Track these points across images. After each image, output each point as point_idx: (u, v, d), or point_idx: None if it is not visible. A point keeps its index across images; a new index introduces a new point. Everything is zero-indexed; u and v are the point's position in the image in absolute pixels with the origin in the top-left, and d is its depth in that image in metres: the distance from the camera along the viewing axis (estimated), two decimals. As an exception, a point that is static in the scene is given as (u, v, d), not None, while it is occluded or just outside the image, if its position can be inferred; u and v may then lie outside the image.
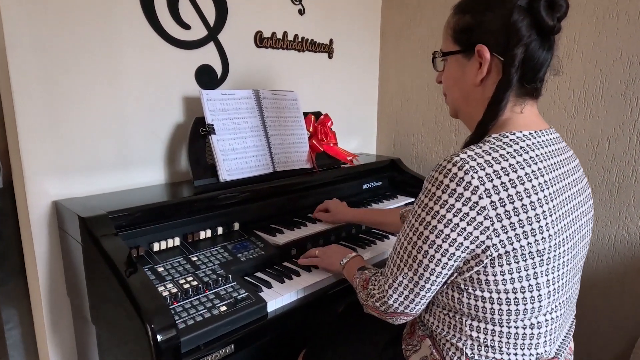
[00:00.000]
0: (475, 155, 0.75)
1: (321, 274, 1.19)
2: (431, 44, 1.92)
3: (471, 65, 0.83)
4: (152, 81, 1.35)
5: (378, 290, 0.88)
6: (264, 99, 1.46)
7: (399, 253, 0.84)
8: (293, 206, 1.48)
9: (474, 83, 0.83)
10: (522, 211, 0.73)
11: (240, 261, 1.16)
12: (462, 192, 0.73)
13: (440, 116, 1.95)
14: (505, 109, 0.81)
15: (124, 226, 1.09)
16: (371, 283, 0.92)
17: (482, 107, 0.83)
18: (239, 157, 1.35)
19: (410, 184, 1.85)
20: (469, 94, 0.86)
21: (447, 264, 0.78)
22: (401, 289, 0.83)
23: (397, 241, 0.86)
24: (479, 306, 0.79)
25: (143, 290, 0.89)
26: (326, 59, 1.87)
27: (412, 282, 0.82)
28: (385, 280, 0.87)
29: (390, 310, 0.86)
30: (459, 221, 0.74)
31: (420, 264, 0.79)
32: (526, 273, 0.76)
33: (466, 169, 0.73)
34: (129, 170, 1.34)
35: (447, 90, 0.92)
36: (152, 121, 1.36)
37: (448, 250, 0.76)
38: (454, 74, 0.87)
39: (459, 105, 0.90)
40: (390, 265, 0.86)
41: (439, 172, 0.76)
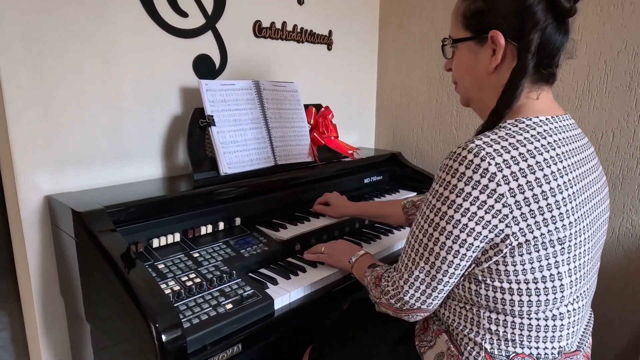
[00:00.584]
0: (492, 142, 0.72)
1: (327, 270, 1.15)
2: (431, 36, 1.90)
3: (484, 52, 0.80)
4: (149, 71, 1.29)
5: (392, 286, 0.85)
6: (264, 90, 1.42)
7: (414, 246, 0.80)
8: (295, 200, 1.44)
9: (488, 70, 0.80)
10: (542, 198, 0.71)
11: (244, 257, 1.12)
12: (479, 179, 0.70)
13: (441, 109, 1.92)
14: (521, 96, 0.78)
15: (122, 221, 1.04)
16: (384, 280, 0.88)
17: (496, 95, 0.80)
18: (239, 150, 1.30)
19: (411, 178, 1.82)
20: (482, 81, 0.83)
21: (465, 255, 0.75)
22: (417, 284, 0.80)
23: (411, 233, 0.82)
24: (497, 298, 0.77)
25: (146, 288, 0.84)
26: (325, 50, 1.82)
27: (429, 275, 0.79)
28: (399, 275, 0.83)
29: (406, 307, 0.83)
30: (477, 210, 0.71)
31: (438, 257, 0.76)
32: (547, 262, 0.73)
33: (482, 155, 0.70)
34: (125, 163, 1.29)
35: (458, 79, 0.89)
36: (148, 112, 1.31)
37: (466, 240, 0.73)
38: (466, 61, 0.84)
39: (471, 93, 0.87)
40: (405, 260, 0.83)
41: (454, 160, 0.73)
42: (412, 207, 1.23)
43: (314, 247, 1.20)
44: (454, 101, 1.87)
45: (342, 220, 1.39)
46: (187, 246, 1.12)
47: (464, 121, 1.85)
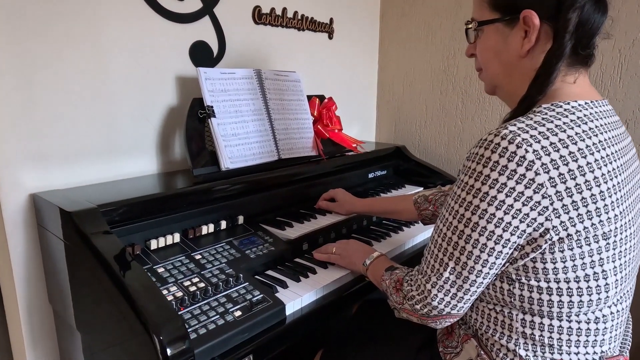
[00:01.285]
0: (527, 127, 0.66)
1: (339, 270, 1.07)
2: (435, 24, 1.82)
3: (515, 34, 0.74)
4: (142, 58, 1.19)
5: (417, 291, 0.77)
6: (266, 79, 1.33)
7: (440, 245, 0.73)
8: (299, 197, 1.36)
9: (519, 54, 0.74)
10: (585, 188, 0.65)
11: (250, 258, 1.04)
12: (514, 168, 0.64)
13: (446, 101, 1.85)
14: (556, 81, 0.72)
15: (117, 221, 0.94)
16: (407, 284, 0.81)
17: (528, 81, 0.73)
18: (241, 143, 1.22)
19: (416, 173, 1.75)
20: (512, 66, 0.76)
21: (500, 253, 0.68)
22: (447, 287, 0.73)
23: (436, 231, 0.76)
24: (533, 298, 0.70)
25: (146, 295, 0.76)
26: (326, 39, 1.74)
27: (460, 277, 0.72)
28: (425, 278, 0.76)
29: (434, 313, 0.76)
30: (513, 202, 0.64)
31: (470, 256, 0.69)
32: (591, 259, 0.67)
33: (518, 142, 0.64)
34: (117, 158, 1.19)
35: (484, 65, 0.82)
36: (142, 103, 1.21)
37: (502, 236, 0.66)
38: (493, 45, 0.77)
39: (500, 80, 0.80)
40: (430, 261, 0.76)
41: (485, 148, 0.66)
42: (424, 202, 1.16)
43: (324, 247, 1.13)
44: (459, 93, 1.80)
45: (349, 218, 1.32)
46: (188, 247, 1.03)
47: (470, 113, 1.79)
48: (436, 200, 1.13)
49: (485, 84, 0.85)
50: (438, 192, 1.14)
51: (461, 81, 1.79)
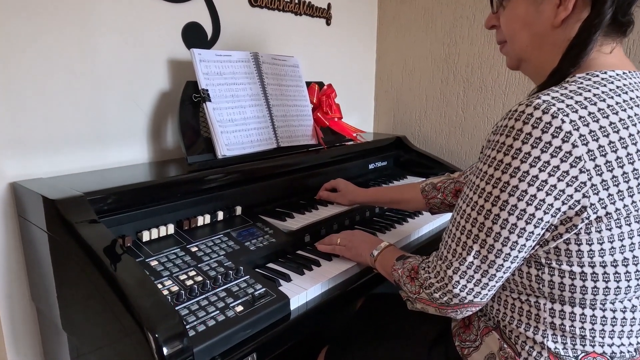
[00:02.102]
0: (562, 97, 0.60)
1: (345, 263, 1.01)
2: (436, 11, 1.77)
3: (548, 2, 0.68)
4: (131, 38, 1.12)
5: (436, 278, 0.71)
6: (263, 63, 1.26)
7: (463, 227, 0.68)
8: (298, 187, 1.30)
9: (552, 24, 0.68)
10: (627, 162, 0.60)
11: (249, 250, 0.97)
12: (549, 140, 0.58)
13: (447, 90, 1.80)
14: (591, 52, 0.66)
15: (105, 211, 0.87)
16: (424, 271, 0.75)
17: (559, 53, 0.68)
18: (238, 130, 1.15)
19: (418, 164, 1.70)
20: (543, 37, 0.70)
21: (532, 234, 0.62)
22: (471, 273, 0.67)
23: (457, 212, 0.70)
24: (565, 284, 0.65)
25: (140, 289, 0.69)
26: (324, 25, 1.68)
27: (485, 261, 0.66)
28: (446, 264, 0.70)
29: (455, 302, 0.70)
30: (547, 177, 0.59)
31: (497, 237, 0.64)
32: (630, 241, 0.62)
33: (554, 111, 0.58)
34: (105, 146, 1.11)
35: (511, 36, 0.76)
36: (131, 87, 1.13)
37: (534, 215, 0.61)
38: (523, 14, 0.71)
39: (528, 53, 0.74)
40: (451, 244, 0.70)
41: (515, 119, 0.61)
42: (432, 190, 1.10)
43: (327, 238, 1.06)
44: (460, 81, 1.75)
45: (352, 209, 1.26)
46: (183, 239, 0.96)
47: (471, 103, 1.74)
48: (445, 188, 1.08)
49: (508, 58, 0.79)
50: (447, 180, 1.09)
51: (462, 69, 1.74)
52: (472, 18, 1.68)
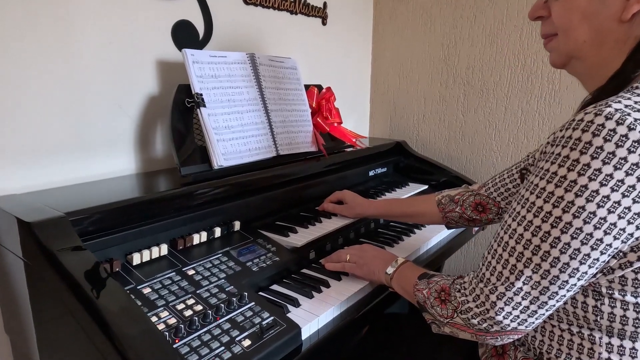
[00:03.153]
0: (637, 105, 0.53)
1: (356, 282, 0.93)
2: (435, 11, 1.71)
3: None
4: (116, 38, 1.01)
5: (476, 302, 0.64)
6: (261, 65, 1.17)
7: (513, 248, 0.60)
8: (299, 198, 1.21)
9: (620, 18, 0.60)
10: None
11: (252, 272, 0.88)
12: (625, 155, 0.51)
13: (446, 93, 1.74)
14: None
15: (90, 232, 0.77)
16: (459, 293, 0.67)
17: (621, 52, 0.61)
18: (236, 138, 1.05)
19: (418, 170, 1.63)
20: (606, 33, 0.62)
21: (597, 261, 0.55)
22: (519, 299, 0.60)
23: (505, 231, 0.62)
24: (628, 318, 0.58)
25: (131, 324, 0.59)
26: (320, 25, 1.59)
27: (537, 288, 0.58)
28: (489, 288, 0.62)
29: (496, 329, 0.63)
30: (621, 198, 0.52)
31: (555, 263, 0.56)
32: None
33: (630, 122, 0.51)
34: (88, 156, 1.01)
35: (566, 29, 0.65)
36: (116, 91, 1.03)
37: (602, 240, 0.54)
38: (585, 4, 0.62)
39: (585, 50, 0.64)
40: (496, 267, 0.62)
41: (583, 130, 0.53)
42: (449, 203, 1.03)
43: (335, 255, 0.98)
44: (460, 84, 1.69)
45: (357, 221, 1.18)
46: (178, 261, 0.86)
47: (472, 106, 1.68)
48: (464, 201, 1.00)
49: (555, 53, 0.69)
50: (465, 192, 1.02)
51: (463, 72, 1.68)
52: (473, 18, 1.62)
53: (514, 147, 1.61)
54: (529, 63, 1.53)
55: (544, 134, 1.54)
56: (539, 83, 1.52)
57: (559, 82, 1.49)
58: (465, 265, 1.82)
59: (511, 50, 1.56)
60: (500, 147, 1.64)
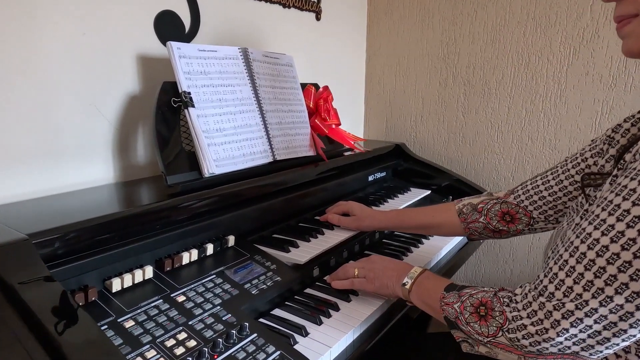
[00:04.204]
0: None
1: (368, 302, 0.83)
2: (433, 6, 1.62)
3: None
4: (90, 30, 0.89)
5: (531, 319, 0.55)
6: (254, 61, 1.06)
7: (591, 262, 0.51)
8: (297, 208, 1.11)
9: None
10: None
11: (251, 295, 0.77)
12: None
13: (445, 93, 1.66)
14: None
15: (60, 256, 0.65)
16: (508, 308, 0.58)
17: None
18: (229, 141, 0.94)
19: (419, 174, 1.55)
20: None
21: None
22: (590, 322, 0.51)
23: (582, 242, 0.53)
24: None
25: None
26: (314, 20, 1.49)
27: (618, 312, 0.49)
28: (553, 304, 0.53)
29: (553, 350, 0.54)
30: None
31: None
32: None
33: None
34: (58, 163, 0.88)
35: None
36: (91, 89, 0.91)
37: None
38: None
39: None
40: (565, 280, 0.53)
41: None
42: (472, 212, 0.93)
43: (342, 271, 0.88)
44: (461, 83, 1.62)
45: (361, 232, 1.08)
46: (165, 285, 0.74)
47: (473, 106, 1.60)
48: (488, 210, 0.91)
49: (632, 39, 0.58)
50: (489, 200, 0.93)
51: (463, 70, 1.60)
52: (474, 14, 1.55)
53: (517, 149, 1.54)
54: (533, 61, 1.46)
55: (549, 136, 1.47)
56: (544, 82, 1.45)
57: (565, 81, 1.42)
58: (474, 277, 1.74)
59: (514, 48, 1.49)
60: (503, 149, 1.57)
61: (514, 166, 1.56)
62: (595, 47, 1.36)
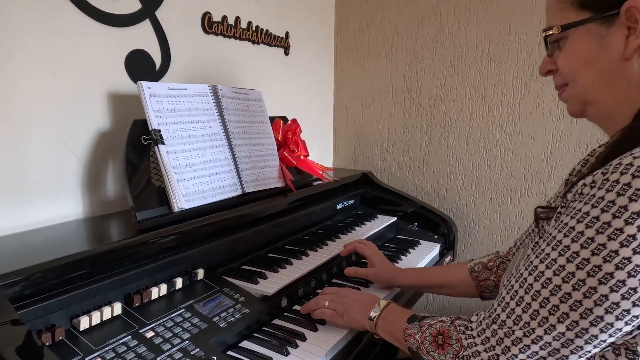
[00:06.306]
0: None
1: (334, 331, 0.86)
2: (396, 42, 1.72)
3: (614, 33, 0.60)
4: (61, 67, 0.91)
5: (485, 345, 0.60)
6: (224, 97, 1.10)
7: (537, 293, 0.56)
8: (266, 238, 1.13)
9: (623, 56, 0.59)
10: None
11: (219, 328, 0.79)
12: None
13: (409, 123, 1.74)
14: None
15: (26, 297, 0.65)
16: (463, 335, 0.63)
17: (636, 89, 0.60)
18: (198, 176, 0.97)
19: (385, 201, 1.60)
20: (614, 73, 0.61)
21: (636, 317, 0.52)
22: (536, 349, 0.56)
23: (527, 269, 0.58)
24: None
25: None
26: (282, 55, 1.55)
27: (560, 339, 0.54)
28: (504, 332, 0.58)
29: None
30: None
31: (587, 315, 0.52)
32: None
33: None
34: (25, 200, 0.88)
35: (573, 77, 0.65)
36: (60, 126, 0.92)
37: (629, 312, 0.51)
38: (585, 51, 0.62)
39: (596, 94, 0.64)
40: (515, 309, 0.58)
41: (633, 175, 0.50)
42: (484, 271, 0.97)
43: (313, 302, 0.90)
44: (423, 114, 1.70)
45: (329, 259, 1.11)
46: (134, 321, 0.75)
47: (435, 136, 1.69)
48: (497, 268, 0.96)
49: (570, 103, 0.69)
50: (497, 258, 0.98)
51: (425, 102, 1.69)
52: (434, 50, 1.65)
53: (477, 176, 1.62)
54: (489, 94, 1.56)
55: (505, 163, 1.56)
56: (499, 113, 1.55)
57: (518, 112, 1.52)
58: (440, 302, 1.79)
59: (471, 82, 1.59)
60: (464, 176, 1.65)
61: (474, 192, 1.64)
62: (543, 82, 1.47)
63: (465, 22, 1.57)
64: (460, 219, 1.67)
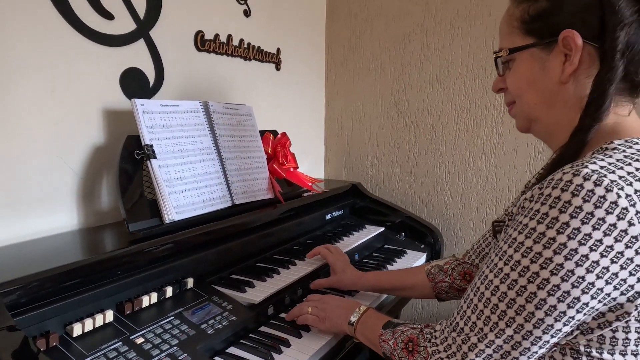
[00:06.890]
0: (612, 166, 0.56)
1: (318, 337, 0.90)
2: (384, 57, 1.78)
3: (553, 58, 0.65)
4: (59, 85, 0.96)
5: (447, 352, 0.64)
6: (215, 113, 1.15)
7: (488, 300, 0.61)
8: (255, 248, 1.17)
9: (560, 80, 0.65)
10: None
11: (207, 335, 0.82)
12: (603, 216, 0.53)
13: (397, 136, 1.79)
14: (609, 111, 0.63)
15: (22, 305, 0.69)
16: (429, 343, 0.67)
17: (574, 110, 0.65)
18: (189, 189, 1.01)
19: (374, 211, 1.64)
20: (552, 95, 0.67)
21: (572, 319, 0.56)
22: (490, 352, 0.60)
23: (481, 281, 0.63)
24: None
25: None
26: (274, 70, 1.61)
27: (509, 342, 0.59)
28: (462, 338, 0.62)
29: None
30: (599, 258, 0.53)
31: (530, 318, 0.57)
32: None
33: (607, 184, 0.53)
34: (22, 212, 0.92)
35: (519, 96, 0.72)
36: (57, 141, 0.97)
37: (579, 299, 0.55)
38: (528, 73, 0.69)
39: (538, 112, 0.70)
40: (471, 317, 0.62)
41: (562, 189, 0.55)
42: (439, 273, 1.02)
43: (297, 309, 0.94)
44: (411, 127, 1.75)
45: (316, 268, 1.15)
46: (125, 328, 0.79)
47: (423, 148, 1.74)
48: (452, 270, 1.00)
49: (518, 119, 0.75)
50: (453, 261, 1.02)
51: (413, 115, 1.75)
52: (420, 65, 1.70)
53: (463, 187, 1.67)
54: (474, 108, 1.62)
55: (490, 175, 1.61)
56: (484, 127, 1.61)
57: (502, 126, 1.57)
58: (428, 309, 1.83)
59: (457, 96, 1.64)
60: (450, 187, 1.70)
61: (461, 203, 1.69)
62: (525, 96, 1.52)
63: (450, 38, 1.63)
64: (448, 229, 1.71)
